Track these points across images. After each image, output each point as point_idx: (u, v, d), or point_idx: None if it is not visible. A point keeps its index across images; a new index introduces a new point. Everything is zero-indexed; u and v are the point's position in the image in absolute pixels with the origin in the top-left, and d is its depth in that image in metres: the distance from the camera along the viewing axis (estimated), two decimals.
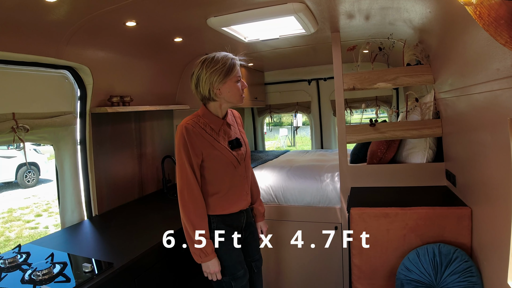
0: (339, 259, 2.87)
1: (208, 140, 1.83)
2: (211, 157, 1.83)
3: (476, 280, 1.69)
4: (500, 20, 0.87)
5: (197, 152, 1.80)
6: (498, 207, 1.44)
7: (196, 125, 1.82)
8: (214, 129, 1.87)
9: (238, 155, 1.91)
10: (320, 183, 2.96)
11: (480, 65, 1.46)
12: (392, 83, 2.50)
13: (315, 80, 4.98)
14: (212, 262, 1.81)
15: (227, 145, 1.88)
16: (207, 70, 1.79)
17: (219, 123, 1.90)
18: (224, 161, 1.86)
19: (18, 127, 1.90)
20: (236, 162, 1.90)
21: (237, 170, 1.91)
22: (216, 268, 1.82)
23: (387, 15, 2.30)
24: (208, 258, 1.80)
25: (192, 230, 1.79)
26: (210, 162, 1.84)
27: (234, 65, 1.82)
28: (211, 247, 1.81)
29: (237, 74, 1.83)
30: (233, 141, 1.91)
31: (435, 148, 2.48)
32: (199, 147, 1.80)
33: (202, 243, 1.79)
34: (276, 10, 2.05)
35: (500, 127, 1.32)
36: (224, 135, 1.91)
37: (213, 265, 1.81)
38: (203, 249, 1.79)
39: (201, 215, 1.82)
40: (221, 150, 1.85)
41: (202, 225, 1.81)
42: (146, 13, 2.00)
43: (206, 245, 1.79)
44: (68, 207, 2.36)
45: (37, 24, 1.79)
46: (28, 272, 1.61)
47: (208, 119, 1.87)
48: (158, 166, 3.29)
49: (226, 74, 1.79)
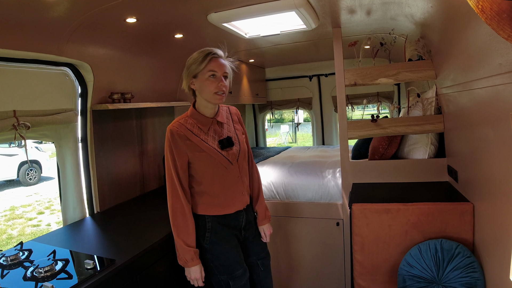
0: (341, 255, 2.87)
1: (194, 141, 1.77)
2: (198, 159, 1.78)
3: (478, 275, 1.69)
4: (503, 14, 0.86)
5: (182, 155, 1.76)
6: (501, 202, 1.44)
7: (181, 127, 1.77)
8: (202, 129, 1.81)
9: (228, 155, 1.83)
10: (321, 179, 2.96)
11: (482, 60, 1.45)
12: (394, 79, 2.49)
13: (316, 76, 4.98)
14: (193, 269, 1.78)
15: (216, 146, 1.81)
16: (186, 65, 1.77)
17: (208, 122, 1.83)
18: (212, 162, 1.79)
19: (19, 124, 1.89)
20: (226, 162, 1.82)
21: (228, 170, 1.84)
22: (197, 274, 1.79)
23: (388, 10, 2.29)
24: (187, 265, 1.78)
25: (175, 236, 1.78)
26: (197, 163, 1.79)
27: (206, 57, 1.71)
28: (190, 255, 1.76)
29: (210, 68, 1.72)
30: (223, 140, 1.83)
31: (437, 143, 2.47)
32: (184, 150, 1.76)
33: (182, 250, 1.77)
34: (277, 5, 2.04)
35: (502, 122, 1.32)
36: (214, 134, 1.84)
37: (194, 272, 1.79)
38: (182, 256, 1.78)
39: (184, 222, 1.78)
40: (208, 151, 1.78)
41: (183, 232, 1.77)
42: (146, 9, 1.99)
43: (185, 253, 1.77)
44: (70, 205, 2.36)
45: (37, 21, 1.79)
46: (30, 269, 1.61)
47: (196, 119, 1.82)
48: (159, 163, 3.29)
49: (197, 68, 1.72)
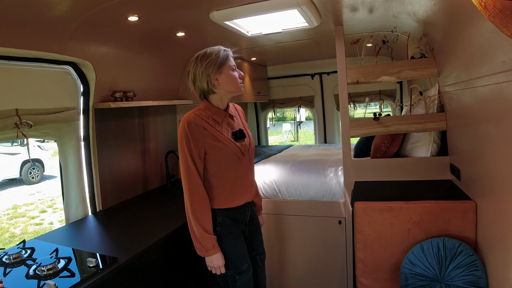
0: (343, 253, 2.87)
1: (211, 131, 1.83)
2: (215, 149, 1.83)
3: (481, 274, 1.69)
4: (506, 11, 0.86)
5: (199, 144, 1.80)
6: (503, 200, 1.43)
7: (198, 118, 1.83)
8: (217, 120, 1.88)
9: (241, 146, 1.92)
10: (323, 177, 2.96)
11: (485, 57, 1.45)
12: (396, 77, 2.48)
13: (319, 74, 4.97)
14: (216, 256, 1.81)
15: (230, 137, 1.89)
16: (202, 64, 1.81)
17: (222, 114, 1.90)
18: (228, 152, 1.86)
19: (22, 123, 1.90)
20: (240, 153, 1.90)
21: (241, 161, 1.92)
22: (219, 262, 1.82)
23: (391, 8, 2.28)
24: (209, 253, 1.80)
25: (195, 224, 1.79)
26: (214, 154, 1.84)
27: (227, 55, 1.86)
28: (211, 243, 1.80)
29: (231, 63, 1.87)
30: (236, 132, 1.92)
31: (440, 141, 2.46)
32: (201, 140, 1.80)
33: (203, 238, 1.79)
34: (279, 3, 2.03)
35: (505, 120, 1.31)
36: (227, 126, 1.91)
37: (216, 259, 1.81)
38: (204, 244, 1.79)
39: (203, 210, 1.81)
40: (224, 142, 1.85)
41: (203, 219, 1.80)
42: (148, 7, 1.99)
43: (207, 240, 1.79)
44: (72, 203, 2.37)
45: (39, 20, 1.79)
46: (32, 268, 1.62)
47: (210, 111, 1.88)
48: (161, 161, 3.30)
49: (221, 64, 1.82)
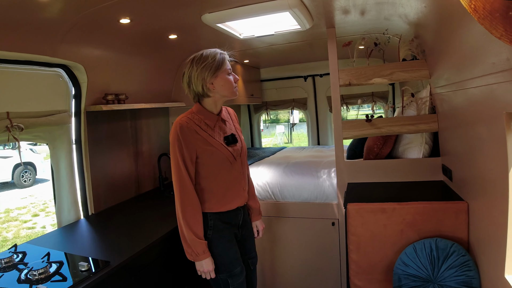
0: (337, 254, 2.87)
1: (202, 136, 1.82)
2: (207, 153, 1.82)
3: (473, 274, 1.70)
4: (495, 13, 0.87)
5: (191, 148, 1.78)
6: (495, 201, 1.45)
7: (190, 122, 1.82)
8: (209, 125, 1.87)
9: (233, 151, 1.91)
10: (317, 179, 2.96)
11: (476, 59, 1.46)
12: (388, 79, 2.50)
13: (311, 77, 4.98)
14: (206, 261, 1.79)
15: (222, 141, 1.88)
16: (198, 67, 1.80)
17: (214, 119, 1.89)
18: (219, 156, 1.85)
19: (13, 126, 1.88)
20: (232, 158, 1.89)
21: (233, 166, 1.91)
22: (209, 267, 1.80)
23: (382, 10, 2.30)
24: (199, 258, 1.78)
25: (185, 228, 1.78)
26: (205, 158, 1.83)
27: (223, 59, 1.84)
28: (202, 248, 1.78)
29: (227, 67, 1.85)
30: (228, 136, 1.91)
31: (431, 143, 2.48)
32: (193, 144, 1.79)
33: (193, 243, 1.77)
34: (271, 5, 2.04)
35: (496, 121, 1.32)
36: (219, 131, 1.90)
37: (206, 264, 1.79)
38: (194, 249, 1.78)
39: (194, 214, 1.80)
40: (216, 146, 1.84)
41: (194, 224, 1.79)
42: (140, 10, 1.99)
43: (197, 245, 1.77)
44: (64, 206, 2.35)
45: (30, 22, 1.77)
46: (24, 272, 1.60)
47: (203, 115, 1.87)
48: (154, 164, 3.28)
49: (217, 68, 1.81)
